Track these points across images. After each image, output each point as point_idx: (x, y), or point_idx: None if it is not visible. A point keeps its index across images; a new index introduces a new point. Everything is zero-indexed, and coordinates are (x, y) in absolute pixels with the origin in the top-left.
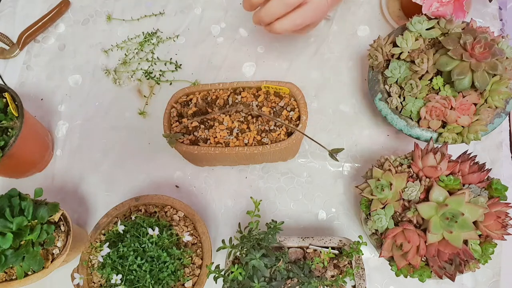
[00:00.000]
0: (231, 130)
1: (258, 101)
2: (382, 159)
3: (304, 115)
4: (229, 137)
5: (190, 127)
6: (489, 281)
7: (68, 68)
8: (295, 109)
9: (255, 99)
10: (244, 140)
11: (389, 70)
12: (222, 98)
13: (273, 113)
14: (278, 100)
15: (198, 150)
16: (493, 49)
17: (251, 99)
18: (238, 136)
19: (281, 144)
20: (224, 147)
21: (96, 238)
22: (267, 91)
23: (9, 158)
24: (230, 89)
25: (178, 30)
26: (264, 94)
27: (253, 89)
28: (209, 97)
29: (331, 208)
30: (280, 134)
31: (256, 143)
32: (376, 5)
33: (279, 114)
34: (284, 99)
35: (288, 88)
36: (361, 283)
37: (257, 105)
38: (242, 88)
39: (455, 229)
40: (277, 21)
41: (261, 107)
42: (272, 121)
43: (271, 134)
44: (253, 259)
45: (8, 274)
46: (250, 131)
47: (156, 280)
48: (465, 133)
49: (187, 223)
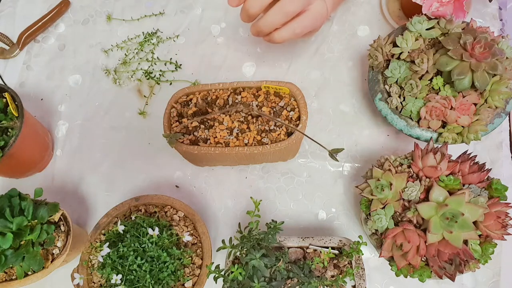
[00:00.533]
0: (231, 130)
1: (258, 101)
2: (382, 159)
3: (304, 115)
4: (229, 137)
5: (190, 127)
6: (489, 281)
7: (68, 68)
8: (295, 109)
9: (255, 99)
10: (244, 140)
11: (389, 70)
12: (222, 98)
13: (273, 113)
14: (278, 100)
15: (198, 150)
16: (493, 49)
17: (251, 99)
18: (238, 136)
19: (281, 144)
20: (224, 147)
21: (96, 238)
22: (267, 91)
23: (9, 158)
24: (230, 89)
25: (178, 30)
26: (264, 94)
27: (253, 89)
28: (209, 97)
29: (331, 208)
30: (280, 134)
31: (256, 143)
32: (376, 5)
33: (279, 114)
34: (284, 99)
35: (288, 88)
36: (361, 283)
37: (257, 105)
38: (242, 88)
39: (455, 229)
40: (276, 31)
41: (261, 107)
42: (272, 121)
43: (271, 134)
44: (253, 259)
45: (8, 274)
46: (250, 131)
47: (156, 280)
48: (465, 133)
49: (187, 223)
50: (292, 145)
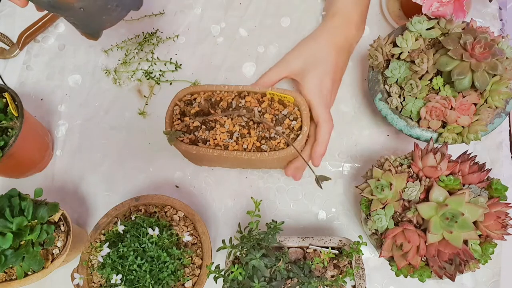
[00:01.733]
0: (231, 133)
1: (262, 107)
2: (382, 159)
3: (306, 126)
4: (229, 140)
5: (191, 126)
6: (489, 281)
7: (68, 68)
8: (298, 119)
9: (259, 105)
10: (243, 145)
11: (389, 70)
12: (226, 100)
13: (275, 121)
14: (282, 108)
15: (196, 150)
16: (493, 49)
17: (255, 104)
18: (238, 141)
19: (279, 153)
20: (222, 150)
21: (96, 238)
22: (272, 98)
23: (9, 158)
24: (235, 92)
25: (178, 30)
26: (268, 101)
27: (258, 94)
28: (213, 98)
29: (331, 208)
30: (280, 142)
31: (255, 149)
32: (376, 5)
33: (281, 122)
34: (288, 107)
35: (293, 97)
36: (361, 283)
37: (260, 111)
38: (247, 92)
39: (455, 229)
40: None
41: (263, 114)
42: (273, 128)
43: (270, 141)
44: (253, 259)
45: (8, 274)
46: (250, 137)
47: (156, 280)
48: (465, 133)
49: (187, 223)
50: (290, 155)
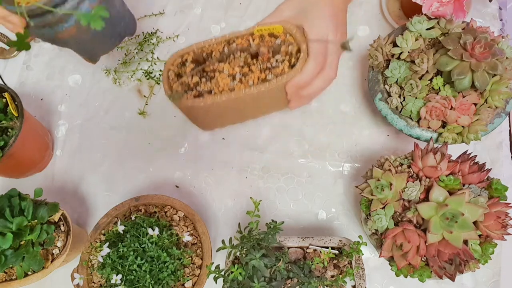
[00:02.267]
0: (233, 76)
1: (255, 44)
2: (382, 159)
3: (303, 44)
4: (233, 83)
5: (191, 83)
6: (489, 281)
7: (68, 68)
8: (293, 43)
9: (250, 45)
10: (248, 82)
11: (389, 70)
12: (217, 50)
13: (272, 52)
14: (274, 40)
15: (204, 102)
16: (493, 49)
17: (246, 44)
18: (242, 80)
19: (287, 76)
20: (230, 92)
21: (96, 238)
22: (261, 35)
23: (9, 158)
24: (223, 42)
25: (178, 30)
26: (259, 38)
27: (246, 36)
28: (204, 53)
29: (331, 208)
30: (284, 68)
31: (261, 82)
32: (376, 5)
33: (278, 51)
34: (280, 37)
35: (281, 25)
36: (361, 283)
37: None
38: (236, 37)
39: (455, 229)
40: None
41: (258, 48)
42: (272, 58)
43: (274, 69)
44: (253, 259)
45: (8, 274)
46: (253, 72)
47: (156, 280)
48: (465, 133)
49: (187, 223)
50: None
